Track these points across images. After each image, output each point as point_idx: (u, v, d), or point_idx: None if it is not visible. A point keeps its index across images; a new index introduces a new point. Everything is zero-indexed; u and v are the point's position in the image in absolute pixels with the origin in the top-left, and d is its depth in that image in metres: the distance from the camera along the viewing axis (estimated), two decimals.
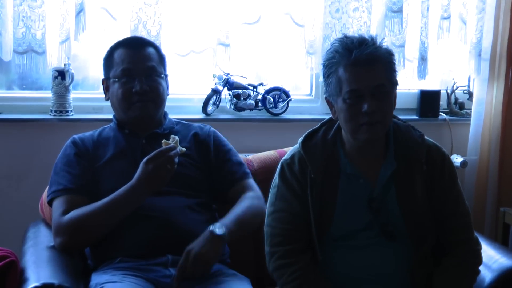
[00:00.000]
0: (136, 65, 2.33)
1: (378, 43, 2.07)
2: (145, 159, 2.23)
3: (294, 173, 2.17)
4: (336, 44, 2.08)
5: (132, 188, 2.23)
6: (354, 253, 2.22)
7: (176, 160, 2.25)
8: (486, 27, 3.14)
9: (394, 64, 2.09)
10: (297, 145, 2.21)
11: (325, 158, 2.17)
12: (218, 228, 2.24)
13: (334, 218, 2.17)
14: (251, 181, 2.47)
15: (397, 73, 2.12)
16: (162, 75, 2.34)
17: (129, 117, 2.34)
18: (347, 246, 2.21)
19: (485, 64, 3.15)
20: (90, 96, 2.99)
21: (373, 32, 2.81)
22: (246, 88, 2.96)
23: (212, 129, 2.53)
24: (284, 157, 2.24)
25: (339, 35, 2.89)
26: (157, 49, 2.43)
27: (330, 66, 2.10)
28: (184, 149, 2.25)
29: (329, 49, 2.13)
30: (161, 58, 2.40)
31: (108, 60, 2.41)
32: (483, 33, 3.15)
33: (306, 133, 2.23)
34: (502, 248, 2.55)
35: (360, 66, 2.03)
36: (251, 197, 2.43)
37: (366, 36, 2.10)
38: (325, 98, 2.19)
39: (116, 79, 2.34)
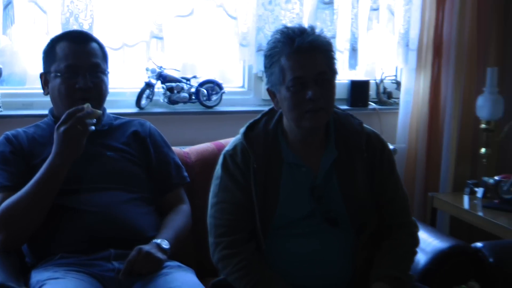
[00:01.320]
0: (80, 61, 2.31)
1: (317, 33, 2.12)
2: (56, 125, 2.24)
3: (236, 164, 2.20)
4: (277, 35, 2.12)
5: (51, 161, 2.22)
6: (298, 241, 2.26)
7: (90, 121, 2.23)
8: (413, 18, 3.23)
9: (334, 53, 2.15)
10: (239, 136, 2.23)
11: (267, 148, 2.22)
12: (164, 245, 2.27)
13: (277, 207, 2.21)
14: (183, 191, 2.53)
15: (336, 62, 2.17)
16: (106, 72, 2.34)
17: None
18: (290, 234, 2.26)
19: (412, 54, 3.25)
20: (19, 92, 2.94)
21: (305, 23, 2.83)
22: (180, 81, 3.00)
23: (153, 127, 2.55)
24: (226, 148, 2.27)
25: (272, 27, 2.99)
26: (101, 46, 2.42)
27: (272, 56, 2.14)
28: (99, 111, 2.25)
29: (270, 40, 2.17)
30: (105, 55, 2.39)
31: (49, 53, 2.36)
32: (410, 24, 3.24)
33: (248, 123, 2.26)
34: (434, 231, 2.71)
35: (302, 53, 2.08)
36: (187, 214, 2.49)
37: (304, 27, 2.15)
38: (267, 89, 2.22)
39: (59, 73, 2.30)
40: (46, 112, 2.50)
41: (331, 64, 2.12)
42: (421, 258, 2.45)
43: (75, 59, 2.28)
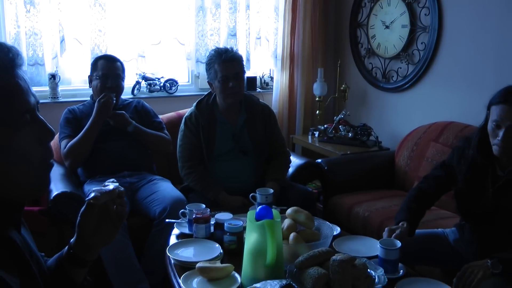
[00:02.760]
0: (110, 72, 3.19)
1: (234, 51, 2.99)
2: (97, 100, 3.06)
3: (192, 123, 3.01)
4: (213, 52, 2.99)
5: (93, 118, 3.03)
6: (226, 164, 3.09)
7: (112, 99, 3.07)
8: (278, 42, 4.45)
9: (243, 62, 3.03)
10: (193, 107, 3.05)
11: (208, 113, 3.01)
12: (133, 125, 3.12)
13: (214, 146, 3.02)
14: (165, 131, 3.37)
15: (245, 67, 3.04)
16: (123, 78, 3.27)
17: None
18: (222, 160, 3.07)
19: (278, 62, 4.47)
20: (69, 88, 3.91)
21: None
22: (154, 80, 4.17)
23: (141, 101, 3.47)
24: (186, 115, 3.08)
25: (203, 49, 4.10)
26: (122, 64, 3.27)
27: (210, 63, 2.98)
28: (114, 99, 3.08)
29: (209, 54, 3.01)
30: (123, 69, 3.29)
31: (94, 65, 3.23)
32: (277, 45, 4.46)
33: (198, 100, 3.06)
34: (295, 155, 3.73)
35: (226, 62, 2.90)
36: (163, 136, 3.34)
37: (228, 47, 3.01)
38: (208, 81, 3.05)
39: (98, 77, 3.19)
40: (86, 98, 3.45)
41: (242, 68, 3.01)
42: (290, 169, 3.39)
43: (107, 70, 3.20)
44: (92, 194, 1.20)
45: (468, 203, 2.34)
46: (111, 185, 1.25)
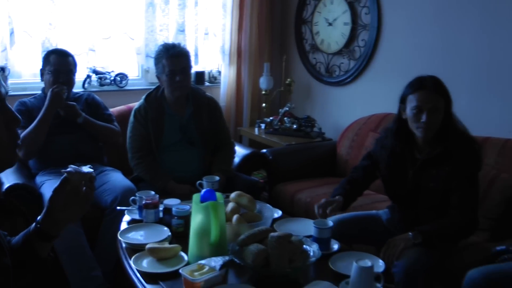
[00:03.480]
0: (62, 67, 3.20)
1: (182, 47, 3.08)
2: (49, 90, 3.07)
3: (141, 115, 3.11)
4: (161, 47, 3.08)
5: (45, 108, 3.04)
6: (175, 154, 3.16)
7: (63, 91, 3.07)
8: (226, 37, 4.58)
9: (190, 57, 3.10)
10: (142, 100, 3.14)
11: (157, 106, 3.10)
12: (82, 117, 3.15)
13: (163, 137, 3.11)
14: (115, 123, 3.40)
15: (192, 62, 3.11)
16: (75, 73, 3.27)
17: None
18: (170, 150, 3.16)
19: (226, 57, 4.60)
20: (19, 81, 3.87)
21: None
22: (105, 74, 4.22)
23: (92, 94, 3.50)
24: (135, 107, 3.16)
25: (153, 44, 4.11)
26: (73, 58, 3.28)
27: (158, 58, 3.06)
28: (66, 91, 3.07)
29: (157, 49, 3.10)
30: (75, 64, 3.30)
31: (45, 59, 3.22)
32: (224, 41, 4.60)
33: (146, 93, 3.15)
34: (242, 146, 3.90)
35: (174, 57, 2.99)
36: (113, 127, 3.37)
37: (175, 43, 3.09)
38: (156, 75, 3.14)
39: (50, 72, 3.19)
40: (37, 92, 3.43)
41: (189, 62, 3.07)
42: (237, 159, 3.53)
43: (59, 66, 3.20)
44: (69, 169, 1.34)
45: (393, 187, 2.58)
46: (85, 168, 1.38)
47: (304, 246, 2.11)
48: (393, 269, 2.26)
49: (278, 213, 2.64)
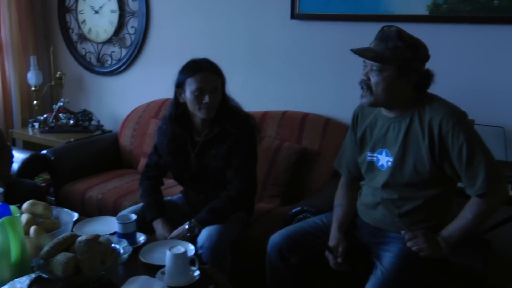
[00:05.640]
0: None
1: None
2: None
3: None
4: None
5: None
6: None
7: None
8: None
9: None
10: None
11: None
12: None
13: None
14: None
15: None
16: None
17: None
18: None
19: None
20: None
21: None
22: None
23: None
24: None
25: None
26: None
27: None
28: None
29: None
30: None
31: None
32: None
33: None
34: (18, 150, 3.62)
35: None
36: None
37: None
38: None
39: None
40: None
41: None
42: (16, 165, 3.31)
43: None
44: None
45: (179, 171, 2.68)
46: None
47: (112, 244, 2.09)
48: (199, 250, 2.37)
49: (74, 216, 2.54)
